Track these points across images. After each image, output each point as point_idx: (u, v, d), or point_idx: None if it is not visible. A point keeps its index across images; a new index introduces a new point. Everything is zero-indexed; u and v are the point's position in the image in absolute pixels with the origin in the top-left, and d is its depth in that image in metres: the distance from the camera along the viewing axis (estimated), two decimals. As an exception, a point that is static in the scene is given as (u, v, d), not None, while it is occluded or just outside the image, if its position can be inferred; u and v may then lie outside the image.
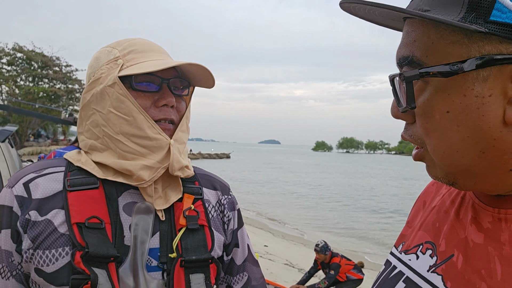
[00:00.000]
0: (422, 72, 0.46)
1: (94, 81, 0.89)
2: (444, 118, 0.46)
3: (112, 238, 0.83)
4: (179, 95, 0.93)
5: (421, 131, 0.50)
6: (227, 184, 1.09)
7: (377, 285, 0.65)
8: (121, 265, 0.82)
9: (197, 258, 0.87)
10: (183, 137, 0.93)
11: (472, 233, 0.53)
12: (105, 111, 0.87)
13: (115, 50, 0.91)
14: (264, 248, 9.07)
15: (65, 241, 0.80)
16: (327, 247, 5.62)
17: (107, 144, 0.88)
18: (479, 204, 0.55)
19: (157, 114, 0.88)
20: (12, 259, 0.83)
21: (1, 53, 29.23)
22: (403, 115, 0.52)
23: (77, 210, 0.82)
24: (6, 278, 0.83)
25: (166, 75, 0.90)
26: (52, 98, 30.28)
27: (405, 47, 0.50)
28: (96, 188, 0.86)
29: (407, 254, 0.63)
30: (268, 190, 23.83)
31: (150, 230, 0.86)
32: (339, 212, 17.06)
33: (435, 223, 0.61)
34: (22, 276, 0.84)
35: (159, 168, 0.87)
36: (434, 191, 0.68)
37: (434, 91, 0.47)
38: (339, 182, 31.22)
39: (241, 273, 1.04)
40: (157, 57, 0.91)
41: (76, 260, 0.78)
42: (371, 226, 13.96)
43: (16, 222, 0.82)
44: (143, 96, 0.87)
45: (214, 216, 0.98)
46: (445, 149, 0.48)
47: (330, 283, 5.48)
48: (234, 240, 1.03)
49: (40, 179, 0.86)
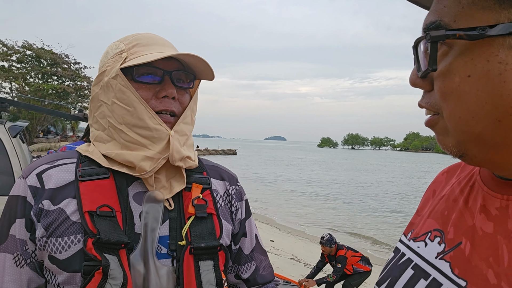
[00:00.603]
0: (448, 33, 0.46)
1: (101, 73, 0.93)
2: (464, 82, 0.46)
3: (122, 226, 0.85)
4: (182, 87, 0.94)
5: (439, 95, 0.50)
6: (235, 174, 1.11)
7: (385, 272, 0.66)
8: (131, 252, 0.84)
9: (206, 246, 0.89)
10: (185, 129, 0.95)
11: (482, 222, 0.53)
12: (110, 102, 0.90)
13: (122, 44, 0.94)
14: (270, 243, 9.08)
15: (77, 229, 0.83)
16: (333, 239, 5.56)
17: (111, 135, 0.91)
18: (488, 191, 0.55)
19: (158, 105, 0.90)
20: (26, 248, 0.85)
21: (11, 51, 29.40)
22: (422, 82, 0.52)
23: (88, 199, 0.85)
24: (20, 266, 0.86)
25: (168, 67, 0.91)
26: (61, 95, 30.46)
27: (434, 13, 0.50)
28: (106, 178, 0.89)
29: (416, 241, 0.63)
30: (274, 186, 23.83)
31: (160, 218, 0.89)
32: (345, 209, 17.02)
33: (443, 211, 0.62)
34: (36, 264, 0.87)
35: (159, 159, 0.89)
36: (444, 180, 0.69)
37: (457, 55, 0.47)
38: (345, 179, 31.13)
39: (249, 262, 1.06)
40: (160, 49, 0.93)
41: (88, 246, 0.80)
42: (376, 225, 13.91)
43: (30, 211, 0.85)
44: (144, 87, 0.90)
45: (222, 206, 1.00)
46: (461, 114, 0.47)
47: (338, 276, 5.42)
48: (242, 230, 1.05)
49: (52, 170, 0.89)
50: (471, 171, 0.63)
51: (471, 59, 0.46)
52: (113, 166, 0.90)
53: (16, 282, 0.85)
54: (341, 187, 25.18)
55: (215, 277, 0.88)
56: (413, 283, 0.58)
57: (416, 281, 0.58)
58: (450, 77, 0.48)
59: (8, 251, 0.86)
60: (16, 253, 0.85)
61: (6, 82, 29.89)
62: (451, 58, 0.48)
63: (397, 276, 0.62)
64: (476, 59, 0.45)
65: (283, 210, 15.76)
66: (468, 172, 0.64)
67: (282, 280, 4.93)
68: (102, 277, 0.78)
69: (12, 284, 0.85)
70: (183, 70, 0.94)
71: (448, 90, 0.48)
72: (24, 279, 0.86)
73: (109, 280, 0.78)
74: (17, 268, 0.86)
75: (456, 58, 0.47)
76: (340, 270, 5.42)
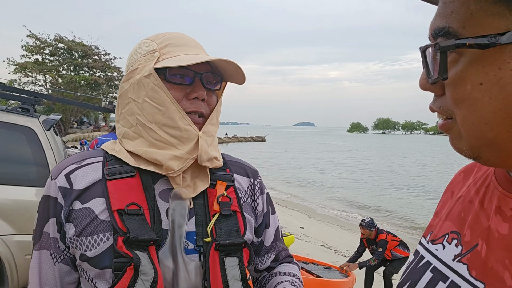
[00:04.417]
0: (458, 42, 0.45)
1: (132, 71, 0.94)
2: (476, 89, 0.46)
3: (150, 223, 0.87)
4: (210, 89, 0.96)
5: (451, 101, 0.49)
6: (256, 169, 1.13)
7: (406, 275, 0.66)
8: (160, 248, 0.87)
9: (230, 242, 0.91)
10: (212, 130, 0.96)
11: (497, 223, 0.53)
12: (140, 100, 0.91)
13: (153, 43, 0.95)
14: (300, 230, 9.13)
15: (106, 227, 0.86)
16: (373, 223, 5.54)
17: (139, 133, 0.93)
18: (503, 192, 0.54)
19: (189, 106, 0.91)
20: (58, 246, 0.90)
21: (43, 44, 30.40)
22: (432, 86, 0.52)
23: (117, 197, 0.87)
24: (55, 262, 0.90)
25: (199, 69, 0.93)
26: (93, 86, 31.31)
27: (441, 18, 0.49)
28: (133, 176, 0.91)
29: (434, 244, 0.63)
30: (303, 173, 23.81)
31: (187, 215, 0.91)
32: (375, 195, 16.83)
33: (460, 213, 0.61)
34: (69, 260, 0.91)
35: (188, 159, 0.90)
36: (461, 181, 0.68)
37: (468, 63, 0.46)
38: (376, 165, 30.70)
39: (269, 253, 1.09)
40: (192, 51, 0.94)
41: (119, 244, 0.83)
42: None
43: (61, 213, 0.88)
44: (176, 88, 0.91)
45: (245, 201, 1.02)
46: (474, 120, 0.47)
47: (379, 260, 5.40)
48: (264, 223, 1.07)
49: (80, 170, 0.92)
50: (486, 171, 0.62)
51: (483, 67, 0.45)
52: (140, 165, 0.91)
53: (53, 278, 0.90)
54: (374, 173, 24.85)
55: (240, 273, 0.91)
56: (432, 286, 0.58)
57: (435, 284, 0.58)
58: (462, 84, 0.47)
59: (44, 247, 0.90)
60: (51, 250, 0.90)
61: (40, 75, 30.99)
62: (461, 65, 0.47)
63: (416, 279, 0.62)
64: (487, 67, 0.45)
65: (314, 196, 15.75)
66: (483, 172, 0.63)
67: (323, 266, 4.95)
68: (133, 273, 0.81)
69: (50, 279, 0.90)
70: (212, 72, 0.95)
71: (460, 97, 0.48)
72: (59, 274, 0.91)
73: (140, 276, 0.81)
74: (53, 264, 0.90)
75: (467, 66, 0.46)
76: (381, 254, 5.39)
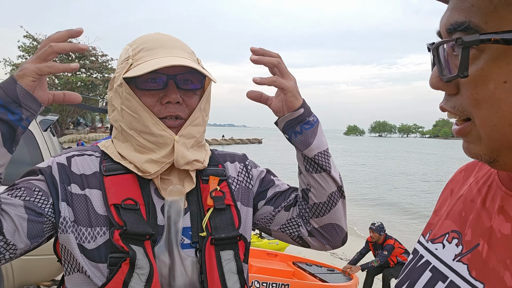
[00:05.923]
0: (483, 38, 0.43)
1: (112, 79, 0.97)
2: (500, 88, 0.43)
3: (146, 218, 0.89)
4: (189, 89, 0.94)
5: (470, 102, 0.47)
6: (244, 154, 1.15)
7: (404, 274, 0.65)
8: (156, 244, 0.89)
9: (226, 236, 0.93)
10: (193, 131, 0.95)
11: (500, 224, 0.52)
12: (119, 108, 0.94)
13: (130, 48, 0.96)
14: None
15: (103, 221, 0.87)
16: (383, 227, 5.58)
17: (125, 138, 0.95)
18: (506, 191, 0.54)
19: (162, 111, 0.92)
20: (36, 193, 0.86)
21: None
22: (445, 85, 0.49)
23: (113, 192, 0.89)
24: (15, 197, 0.85)
25: (172, 71, 0.91)
26: (90, 88, 31.18)
27: (459, 12, 0.46)
28: (130, 173, 0.93)
29: (434, 243, 0.62)
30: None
31: (182, 211, 0.92)
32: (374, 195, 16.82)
33: (461, 212, 0.61)
34: (39, 216, 0.85)
35: (164, 163, 0.92)
36: (461, 179, 0.67)
37: (491, 60, 0.44)
38: (373, 167, 30.70)
39: (289, 190, 1.10)
40: (165, 53, 0.92)
41: (115, 237, 0.84)
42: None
43: (52, 180, 0.89)
44: (147, 94, 0.92)
45: (240, 187, 1.04)
46: (497, 122, 0.45)
47: (382, 262, 5.41)
48: (267, 180, 1.09)
49: (80, 158, 0.95)
50: (488, 170, 0.61)
51: (507, 63, 0.43)
52: (125, 163, 0.93)
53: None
54: (371, 175, 24.83)
55: (236, 266, 0.92)
56: (431, 286, 0.58)
57: (434, 284, 0.57)
58: (483, 83, 0.44)
59: (20, 184, 0.88)
60: (26, 191, 0.86)
61: (38, 76, 30.70)
62: (483, 63, 0.45)
63: (415, 279, 0.61)
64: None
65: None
66: (486, 171, 0.62)
67: (326, 268, 4.94)
68: (129, 267, 0.82)
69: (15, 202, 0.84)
70: (191, 72, 0.93)
71: (482, 97, 0.45)
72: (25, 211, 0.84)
73: (136, 270, 0.82)
74: (21, 201, 0.85)
75: (489, 63, 0.44)
76: (386, 257, 5.41)
